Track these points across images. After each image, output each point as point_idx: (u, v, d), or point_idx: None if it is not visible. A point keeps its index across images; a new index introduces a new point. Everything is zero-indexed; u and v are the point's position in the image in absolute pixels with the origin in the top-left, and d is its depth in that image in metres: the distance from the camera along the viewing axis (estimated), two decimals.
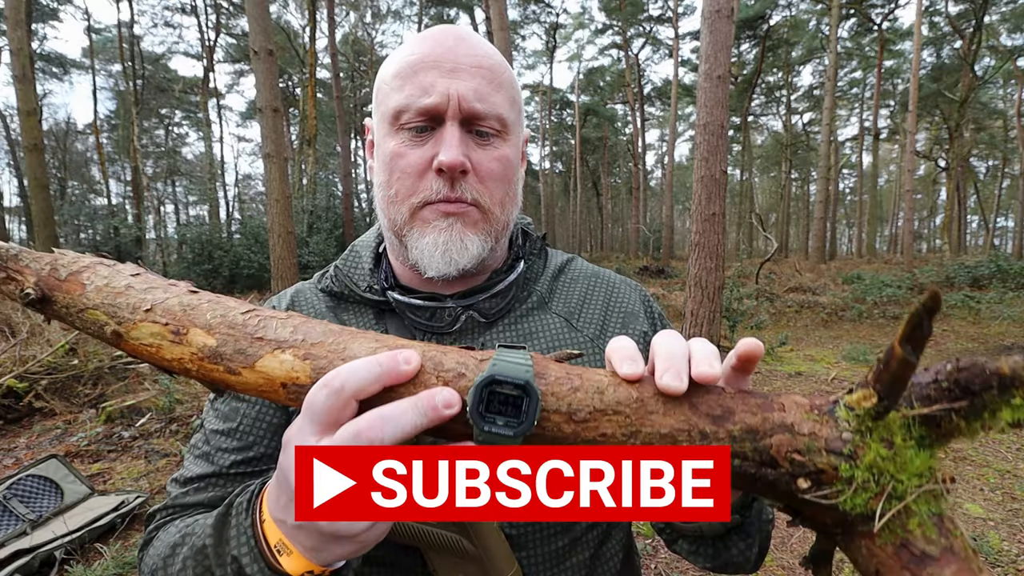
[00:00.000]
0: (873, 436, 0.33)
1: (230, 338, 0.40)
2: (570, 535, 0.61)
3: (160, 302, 0.42)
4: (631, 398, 0.38)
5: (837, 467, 0.33)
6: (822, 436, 0.34)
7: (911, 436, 0.32)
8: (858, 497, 0.33)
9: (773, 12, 24.38)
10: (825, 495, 0.33)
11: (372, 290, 0.67)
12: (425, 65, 0.59)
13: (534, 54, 37.82)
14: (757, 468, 0.36)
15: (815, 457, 0.34)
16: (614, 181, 46.02)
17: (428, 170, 0.60)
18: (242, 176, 43.17)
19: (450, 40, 0.61)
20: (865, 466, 0.33)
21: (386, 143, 0.62)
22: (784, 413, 0.36)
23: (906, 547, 0.31)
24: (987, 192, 36.28)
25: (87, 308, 0.42)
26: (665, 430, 0.37)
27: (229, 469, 0.62)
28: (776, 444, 0.35)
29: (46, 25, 23.15)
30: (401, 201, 0.61)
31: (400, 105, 0.60)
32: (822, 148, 17.63)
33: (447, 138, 0.59)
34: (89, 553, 2.63)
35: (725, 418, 0.37)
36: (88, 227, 16.94)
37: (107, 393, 4.78)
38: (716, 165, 6.12)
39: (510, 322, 0.66)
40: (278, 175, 6.93)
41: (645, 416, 0.37)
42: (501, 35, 10.53)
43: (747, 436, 0.36)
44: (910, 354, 0.30)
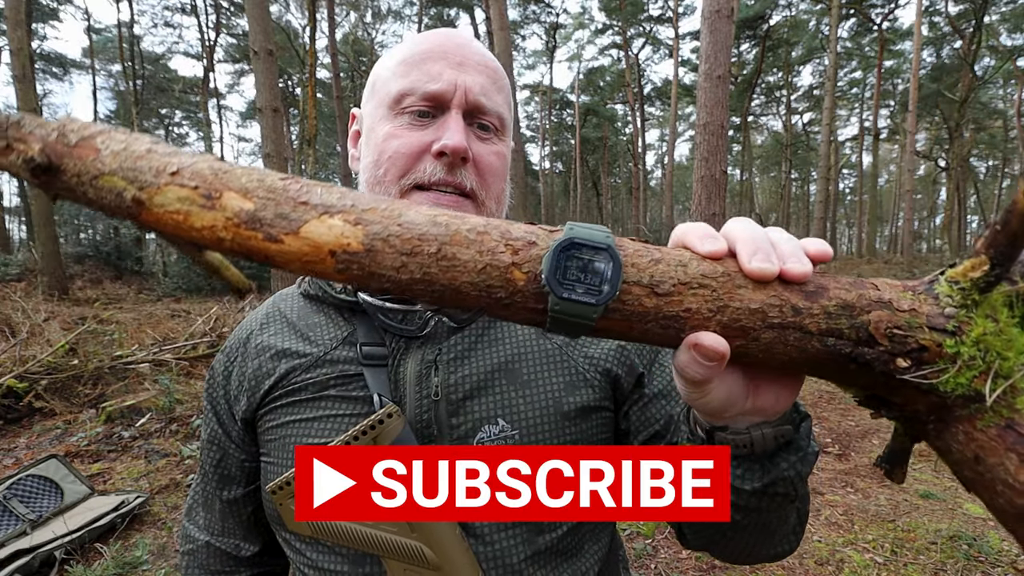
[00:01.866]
0: (979, 311, 0.32)
1: (270, 202, 0.36)
2: (533, 547, 0.59)
3: (188, 165, 0.37)
4: (717, 272, 0.35)
5: (941, 344, 0.32)
6: (923, 312, 0.33)
7: (1015, 315, 0.31)
8: (962, 376, 0.31)
9: (773, 12, 24.40)
10: (926, 375, 0.31)
11: (345, 290, 0.66)
12: (433, 55, 0.61)
13: (534, 54, 37.82)
14: (853, 347, 0.33)
15: (917, 333, 0.32)
16: (614, 181, 46.01)
17: (425, 153, 0.59)
18: None
19: (458, 39, 0.63)
20: (971, 341, 0.31)
21: (381, 126, 0.62)
22: (879, 291, 0.35)
23: (1012, 428, 0.30)
24: (987, 192, 36.28)
25: (102, 174, 0.37)
26: (755, 304, 0.34)
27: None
28: (875, 320, 0.33)
29: (46, 25, 23.16)
30: (390, 182, 0.60)
31: (404, 89, 0.60)
32: (822, 148, 17.63)
33: (451, 124, 0.59)
34: (89, 553, 2.63)
35: (819, 294, 0.34)
36: (88, 227, 16.93)
37: (107, 393, 4.78)
38: (716, 165, 6.12)
39: (479, 326, 0.65)
40: None
41: (733, 290, 0.35)
42: (501, 35, 10.52)
43: (843, 312, 0.34)
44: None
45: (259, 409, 0.65)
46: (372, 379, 0.60)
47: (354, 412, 0.60)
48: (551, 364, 0.63)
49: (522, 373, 0.62)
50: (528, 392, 0.61)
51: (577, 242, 0.34)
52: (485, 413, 0.60)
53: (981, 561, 2.47)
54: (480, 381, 0.61)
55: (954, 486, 3.22)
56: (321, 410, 0.61)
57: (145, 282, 15.03)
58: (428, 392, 0.60)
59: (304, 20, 22.80)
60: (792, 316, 0.34)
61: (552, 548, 0.60)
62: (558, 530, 0.61)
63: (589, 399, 0.63)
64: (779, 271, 0.34)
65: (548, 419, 0.61)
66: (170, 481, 3.39)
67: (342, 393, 0.61)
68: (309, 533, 0.56)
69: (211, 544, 0.73)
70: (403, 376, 0.61)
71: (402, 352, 0.62)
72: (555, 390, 0.62)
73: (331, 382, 0.62)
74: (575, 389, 0.62)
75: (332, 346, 0.64)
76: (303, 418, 0.61)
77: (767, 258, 0.34)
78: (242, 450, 0.69)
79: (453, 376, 0.61)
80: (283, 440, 0.62)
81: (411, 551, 0.54)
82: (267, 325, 0.70)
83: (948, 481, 3.28)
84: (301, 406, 0.62)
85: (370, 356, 0.62)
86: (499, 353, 0.63)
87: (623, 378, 0.65)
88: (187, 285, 13.41)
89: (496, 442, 0.59)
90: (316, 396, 0.62)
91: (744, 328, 0.34)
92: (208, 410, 0.71)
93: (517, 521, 0.59)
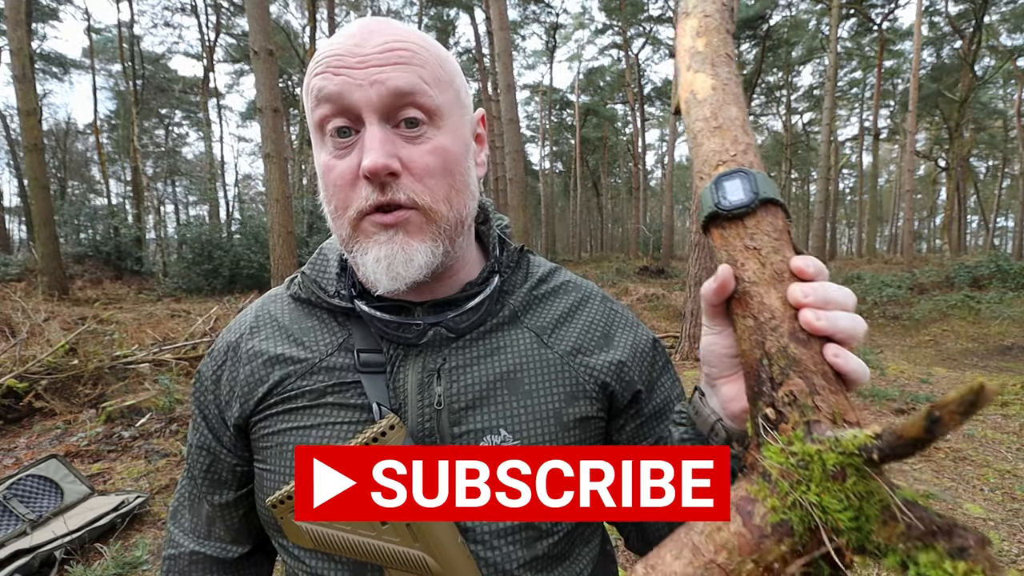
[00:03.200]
0: (821, 466, 0.36)
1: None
2: (532, 552, 0.59)
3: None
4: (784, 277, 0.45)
5: (792, 440, 0.38)
6: (819, 417, 0.38)
7: (846, 487, 0.35)
8: (773, 453, 0.38)
9: (773, 12, 24.36)
10: (771, 430, 0.39)
11: (339, 295, 0.65)
12: (332, 64, 0.53)
13: (534, 54, 37.78)
14: (770, 378, 0.40)
15: (794, 415, 0.38)
16: (614, 181, 46.00)
17: (358, 179, 0.54)
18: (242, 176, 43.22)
19: (360, 34, 0.55)
20: (801, 463, 0.36)
21: (318, 155, 0.58)
22: (817, 394, 0.39)
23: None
24: (987, 192, 36.27)
25: None
26: (770, 302, 0.43)
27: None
28: (794, 384, 0.39)
29: (46, 25, 23.14)
30: (340, 215, 0.57)
31: (320, 111, 0.55)
32: (822, 148, 17.61)
33: (366, 141, 0.53)
34: (89, 553, 2.63)
35: (800, 343, 0.41)
36: (88, 227, 16.90)
37: (107, 393, 4.78)
38: None
39: (477, 336, 0.63)
40: (278, 175, 6.93)
41: (771, 285, 0.43)
42: (501, 35, 10.52)
43: (787, 361, 0.40)
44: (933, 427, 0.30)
45: (252, 416, 0.63)
46: (370, 387, 0.60)
47: (353, 420, 0.59)
48: (552, 375, 0.63)
49: (524, 383, 0.62)
50: (530, 403, 0.61)
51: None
52: (487, 423, 0.59)
53: None
54: (482, 391, 0.61)
55: (954, 486, 3.22)
56: (319, 418, 0.60)
57: (145, 282, 15.02)
58: (431, 401, 0.60)
59: (304, 20, 22.80)
60: (771, 328, 0.41)
61: (548, 553, 0.61)
62: (555, 535, 0.61)
63: (588, 410, 0.63)
64: (816, 328, 0.40)
65: (549, 430, 0.60)
66: (170, 481, 3.39)
67: (340, 400, 0.60)
68: (311, 545, 0.55)
69: (196, 552, 0.71)
70: (403, 384, 0.60)
71: (400, 359, 0.61)
72: (556, 401, 0.62)
73: (328, 389, 0.61)
74: (575, 400, 0.62)
75: (327, 352, 0.63)
76: (300, 426, 0.60)
77: (826, 318, 0.40)
78: (234, 455, 0.67)
79: (456, 385, 0.60)
80: (280, 448, 0.61)
81: (414, 561, 0.54)
82: (257, 329, 0.67)
83: (948, 481, 3.28)
84: (298, 414, 0.61)
85: (367, 363, 0.61)
86: (501, 363, 0.62)
87: (619, 393, 0.65)
88: (187, 285, 13.41)
89: None
90: (313, 404, 0.61)
91: (750, 306, 0.43)
92: (196, 415, 0.69)
93: (518, 525, 0.59)
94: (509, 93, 10.09)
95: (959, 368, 6.49)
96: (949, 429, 0.29)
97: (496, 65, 10.85)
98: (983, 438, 3.93)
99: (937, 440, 0.30)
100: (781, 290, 0.42)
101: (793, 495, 0.35)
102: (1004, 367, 6.46)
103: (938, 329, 9.00)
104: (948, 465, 3.49)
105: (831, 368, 0.40)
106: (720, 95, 0.51)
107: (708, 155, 0.49)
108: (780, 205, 0.46)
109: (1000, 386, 0.28)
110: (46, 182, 10.51)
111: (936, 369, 6.41)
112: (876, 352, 7.11)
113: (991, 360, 6.94)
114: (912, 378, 5.85)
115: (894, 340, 8.53)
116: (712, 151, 0.49)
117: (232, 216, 25.23)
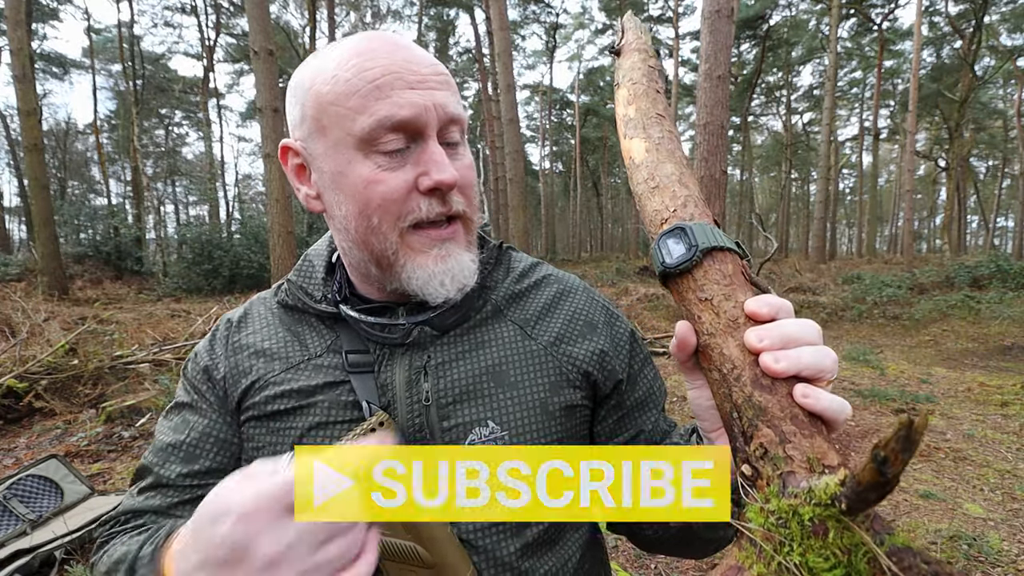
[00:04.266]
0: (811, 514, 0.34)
1: None
2: (522, 540, 0.61)
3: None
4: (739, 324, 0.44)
5: (769, 498, 0.36)
6: (793, 469, 0.36)
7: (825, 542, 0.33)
8: (754, 514, 0.36)
9: (773, 12, 24.38)
10: (748, 488, 0.37)
11: (326, 300, 0.66)
12: (388, 80, 0.54)
13: (534, 54, 37.81)
14: (742, 433, 0.39)
15: (767, 469, 0.36)
16: (614, 181, 45.98)
17: (412, 191, 0.57)
18: (242, 176, 43.21)
19: (400, 51, 0.56)
20: (778, 519, 0.35)
21: (353, 169, 0.56)
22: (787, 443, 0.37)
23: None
24: (987, 192, 36.27)
25: None
26: (729, 352, 0.42)
27: (176, 481, 0.63)
28: (762, 435, 0.38)
29: (46, 25, 23.15)
30: (388, 230, 0.57)
31: (372, 126, 0.54)
32: (822, 148, 17.62)
33: (434, 156, 0.56)
34: (89, 553, 2.63)
35: (768, 389, 0.39)
36: (88, 227, 16.91)
37: (107, 393, 4.78)
38: (716, 165, 6.12)
39: (461, 332, 0.65)
40: (278, 175, 6.93)
41: (728, 333, 0.43)
42: (501, 35, 10.52)
43: (756, 412, 0.38)
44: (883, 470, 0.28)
45: (240, 413, 0.64)
46: (360, 386, 0.61)
47: (343, 419, 0.61)
48: (536, 365, 0.65)
49: (509, 375, 0.63)
50: (515, 394, 0.63)
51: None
52: (475, 416, 0.61)
53: (981, 561, 2.47)
54: (469, 385, 0.62)
55: (954, 486, 3.22)
56: (310, 417, 0.61)
57: (145, 282, 15.02)
58: (419, 397, 0.61)
59: (304, 20, 22.80)
60: (734, 379, 0.40)
61: (538, 540, 0.62)
62: (542, 523, 0.63)
63: (572, 398, 0.65)
64: (778, 371, 0.39)
65: (535, 419, 0.62)
66: None
67: (329, 399, 0.62)
68: None
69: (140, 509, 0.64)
70: (390, 382, 0.62)
71: (387, 358, 0.63)
72: (541, 391, 0.63)
73: (318, 389, 0.62)
74: (559, 389, 0.64)
75: (316, 352, 0.64)
76: (291, 425, 0.61)
77: (786, 359, 0.39)
78: (238, 442, 0.66)
79: (443, 380, 0.62)
80: (272, 448, 0.62)
81: (406, 552, 0.55)
82: (245, 324, 0.69)
83: (948, 481, 3.28)
84: (289, 414, 0.62)
85: (356, 364, 0.62)
86: (486, 357, 0.64)
87: (601, 382, 0.67)
88: (187, 285, 13.41)
89: (487, 443, 0.61)
90: (303, 404, 0.62)
91: (712, 359, 0.43)
92: (198, 402, 0.66)
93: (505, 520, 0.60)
94: (509, 93, 10.09)
95: (959, 368, 6.49)
96: (899, 466, 0.27)
97: (496, 65, 10.85)
98: (983, 438, 3.93)
99: (896, 482, 0.28)
100: (738, 337, 0.41)
101: (777, 558, 0.32)
102: (1004, 367, 6.46)
103: (938, 329, 9.00)
104: (948, 465, 3.49)
105: (802, 410, 0.37)
106: (654, 155, 0.53)
107: (652, 215, 0.50)
108: (727, 250, 0.46)
109: (925, 419, 0.27)
110: (46, 182, 10.51)
111: (936, 369, 6.41)
112: (876, 352, 7.11)
113: (991, 360, 6.94)
114: (912, 378, 5.85)
115: (894, 340, 8.53)
116: (654, 210, 0.50)
117: (232, 216, 25.22)
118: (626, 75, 0.61)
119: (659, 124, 0.56)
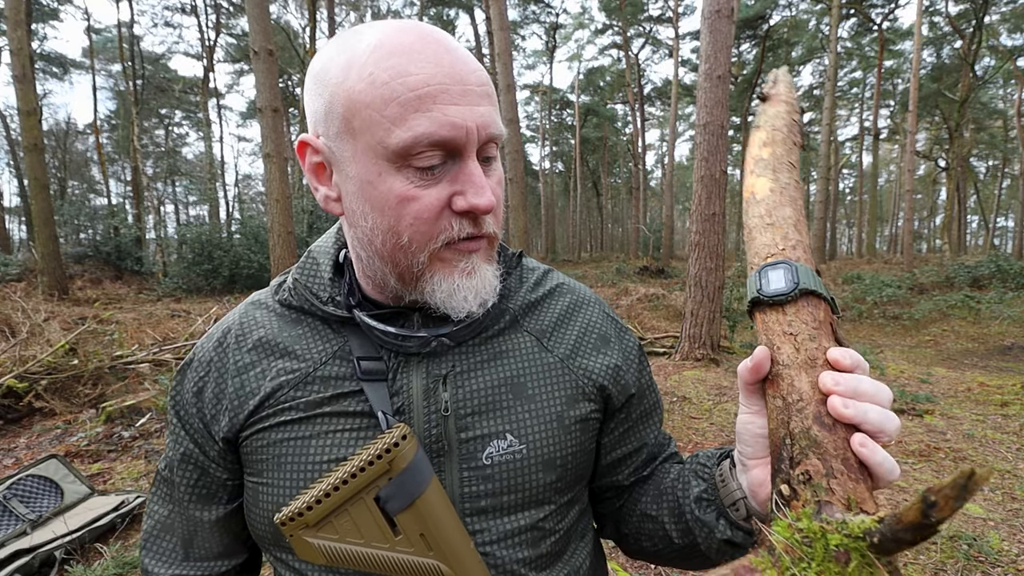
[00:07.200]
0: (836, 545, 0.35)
1: None
2: (536, 552, 0.61)
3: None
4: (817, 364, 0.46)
5: (801, 517, 0.38)
6: (832, 499, 0.38)
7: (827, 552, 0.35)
8: (780, 529, 0.38)
9: (773, 12, 24.36)
10: (782, 505, 0.40)
11: (334, 302, 0.63)
12: (433, 90, 0.50)
13: (534, 54, 37.82)
14: (790, 457, 0.41)
15: (806, 494, 0.39)
16: (614, 181, 45.99)
17: (445, 210, 0.54)
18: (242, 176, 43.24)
19: (446, 55, 0.52)
20: (803, 540, 0.37)
21: (383, 182, 0.53)
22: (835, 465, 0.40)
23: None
24: (987, 192, 36.27)
25: None
26: (800, 384, 0.44)
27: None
28: (811, 464, 0.40)
29: (46, 25, 23.13)
30: (419, 249, 0.55)
31: (407, 142, 0.50)
32: (822, 148, 17.61)
33: (473, 177, 0.53)
34: (89, 553, 2.63)
35: (827, 428, 0.42)
36: (88, 227, 16.90)
37: (107, 393, 4.78)
38: (716, 165, 6.12)
39: (479, 342, 0.63)
40: (278, 175, 6.93)
41: (804, 369, 0.45)
42: (501, 35, 10.52)
43: (809, 442, 0.41)
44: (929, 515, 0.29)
45: (243, 430, 0.61)
46: (373, 395, 0.59)
47: (354, 427, 0.58)
48: (553, 378, 0.64)
49: (527, 388, 0.62)
50: (533, 407, 0.62)
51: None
52: (493, 428, 0.60)
53: (981, 561, 2.47)
54: (488, 396, 0.61)
55: None
56: (317, 427, 0.59)
57: (145, 282, 15.02)
58: (437, 407, 0.59)
59: (304, 20, 22.79)
60: (797, 410, 0.43)
61: (550, 551, 0.63)
62: (557, 534, 0.63)
63: (587, 411, 0.65)
64: (844, 417, 0.41)
65: (552, 433, 0.62)
66: None
67: (338, 409, 0.59)
68: (324, 562, 0.54)
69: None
70: (406, 390, 0.60)
71: (403, 366, 0.60)
72: (558, 404, 0.63)
73: (325, 401, 0.59)
74: (575, 403, 0.64)
75: (321, 360, 0.61)
76: (298, 436, 0.59)
77: (855, 408, 0.41)
78: (223, 469, 0.64)
79: (461, 391, 0.60)
80: (278, 460, 0.59)
81: (429, 570, 0.54)
82: (244, 338, 0.64)
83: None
84: (294, 425, 0.59)
85: (369, 371, 0.60)
86: (505, 368, 0.63)
87: (615, 396, 0.67)
88: (187, 285, 13.41)
89: (504, 457, 0.60)
90: (310, 415, 0.59)
91: (780, 387, 0.45)
92: (176, 427, 0.65)
93: (525, 526, 0.61)
94: (509, 93, 10.09)
95: (959, 368, 6.49)
96: (947, 513, 0.28)
97: (496, 65, 10.84)
98: (983, 438, 3.93)
99: (938, 528, 0.29)
100: (813, 375, 0.43)
101: (793, 570, 0.35)
102: (1004, 367, 6.46)
103: (938, 329, 9.00)
104: (948, 465, 3.49)
105: (855, 457, 0.40)
106: (777, 197, 0.55)
107: (759, 248, 0.53)
108: (824, 299, 0.48)
109: (988, 472, 0.27)
110: (46, 182, 10.51)
111: (936, 369, 6.41)
112: (876, 352, 7.11)
113: (991, 360, 6.94)
114: (912, 378, 5.85)
115: (894, 340, 8.53)
116: (763, 244, 0.52)
117: (232, 216, 25.24)
118: (769, 121, 0.64)
119: (789, 171, 0.58)
